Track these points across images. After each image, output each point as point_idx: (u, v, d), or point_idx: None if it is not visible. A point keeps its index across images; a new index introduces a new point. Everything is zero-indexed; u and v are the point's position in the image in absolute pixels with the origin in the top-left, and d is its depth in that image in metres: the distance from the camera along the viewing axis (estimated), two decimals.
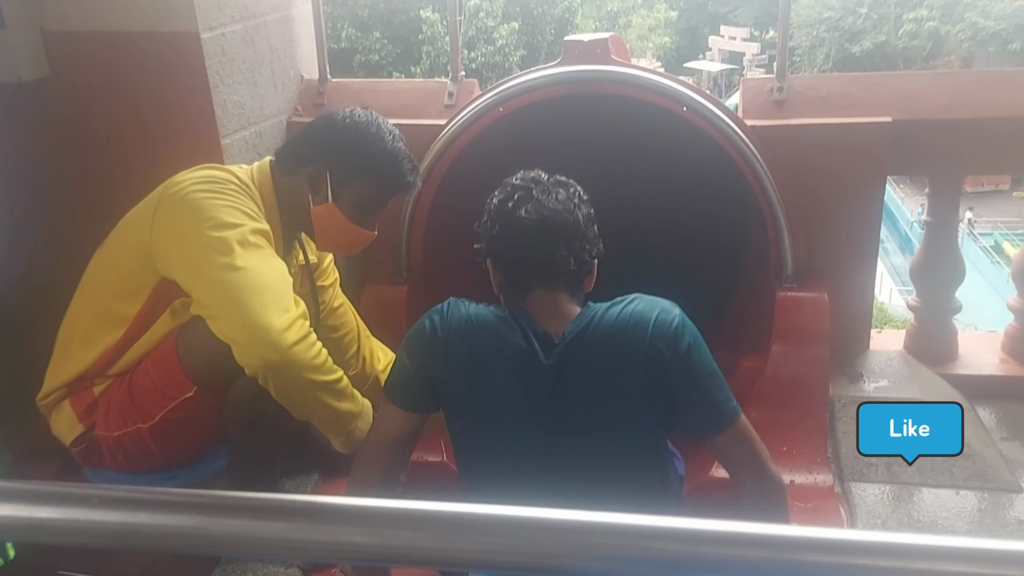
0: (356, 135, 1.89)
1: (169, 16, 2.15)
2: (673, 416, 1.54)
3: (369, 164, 1.89)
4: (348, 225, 1.92)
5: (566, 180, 1.60)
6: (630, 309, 1.54)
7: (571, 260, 1.54)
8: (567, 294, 1.57)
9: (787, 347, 2.27)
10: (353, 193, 1.90)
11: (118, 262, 1.85)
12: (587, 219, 1.57)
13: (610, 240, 2.83)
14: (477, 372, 1.56)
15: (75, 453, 1.92)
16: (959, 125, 2.32)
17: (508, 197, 1.56)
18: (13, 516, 0.78)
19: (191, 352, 1.79)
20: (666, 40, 28.10)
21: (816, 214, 2.37)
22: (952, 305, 2.57)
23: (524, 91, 2.38)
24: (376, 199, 1.93)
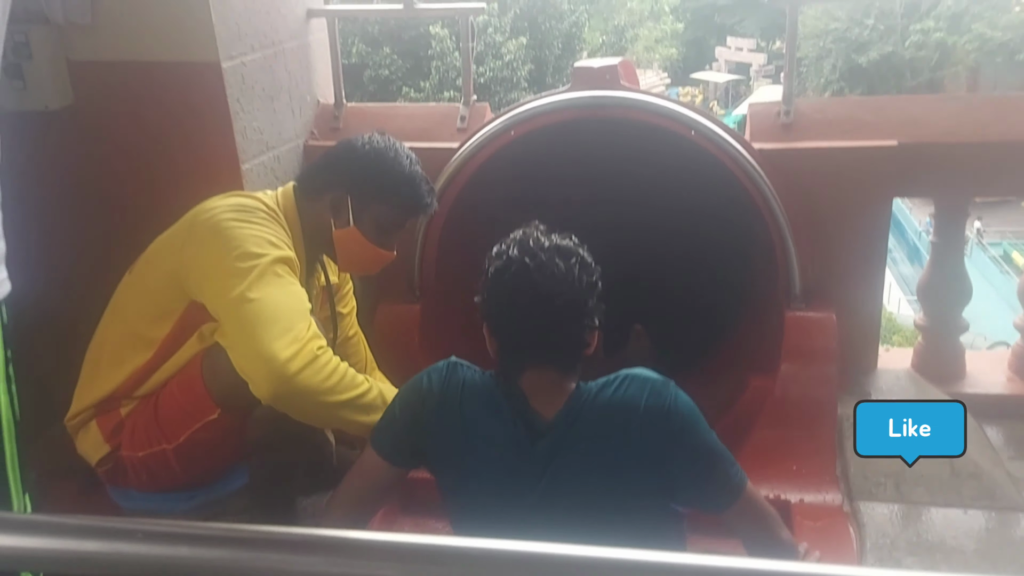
0: (375, 160, 1.97)
1: (191, 46, 2.21)
2: (676, 494, 1.52)
3: (388, 187, 1.97)
4: (369, 247, 2.00)
5: (568, 245, 1.51)
6: (620, 393, 1.50)
7: (565, 340, 1.50)
8: (560, 372, 1.52)
9: (796, 367, 2.31)
10: (373, 216, 1.98)
11: (148, 286, 1.90)
12: (587, 291, 1.50)
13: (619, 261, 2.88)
14: (464, 445, 1.54)
15: (101, 473, 1.96)
16: (965, 149, 2.35)
17: (504, 268, 1.49)
18: (61, 550, 0.82)
19: (216, 375, 1.83)
20: (673, 51, 28.18)
21: (823, 235, 2.40)
22: (959, 324, 2.60)
23: (535, 115, 2.43)
24: (395, 221, 2.02)
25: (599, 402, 1.50)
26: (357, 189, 1.97)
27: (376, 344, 2.45)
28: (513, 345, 1.53)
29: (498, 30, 16.17)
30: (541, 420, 1.51)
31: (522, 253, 1.49)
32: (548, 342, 1.50)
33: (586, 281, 1.50)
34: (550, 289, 1.46)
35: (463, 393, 1.55)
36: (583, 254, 1.52)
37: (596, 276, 1.53)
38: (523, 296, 1.47)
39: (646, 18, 25.99)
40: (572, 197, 2.79)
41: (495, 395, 1.53)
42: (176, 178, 2.28)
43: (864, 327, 2.50)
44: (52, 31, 2.24)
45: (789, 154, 2.39)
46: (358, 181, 1.97)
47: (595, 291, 1.52)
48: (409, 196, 2.00)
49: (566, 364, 1.53)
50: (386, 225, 2.00)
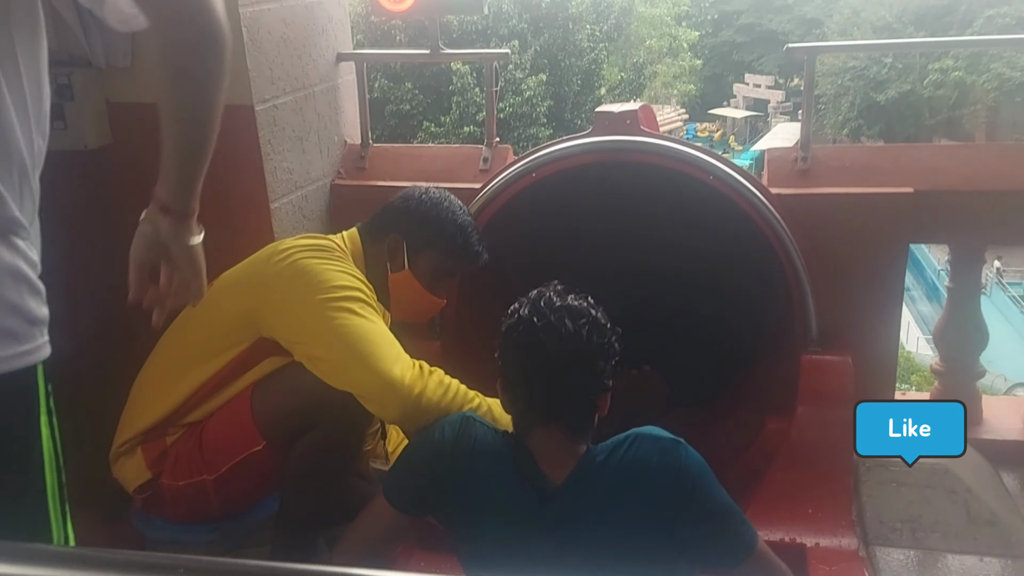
0: (431, 208, 2.08)
1: None
2: (687, 554, 1.53)
3: (442, 235, 2.07)
4: (421, 291, 2.09)
5: (579, 307, 1.51)
6: (630, 456, 1.50)
7: (572, 401, 1.51)
8: (568, 434, 1.52)
9: (812, 410, 2.33)
10: (427, 261, 2.07)
11: (215, 320, 1.93)
12: (597, 352, 1.50)
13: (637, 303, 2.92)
14: (472, 503, 1.56)
15: (138, 500, 1.99)
16: (980, 197, 2.39)
17: (514, 327, 1.53)
18: None
19: (266, 408, 1.88)
20: (691, 88, 28.40)
21: (840, 280, 2.43)
22: (976, 370, 2.61)
23: (556, 159, 2.49)
24: (447, 268, 2.11)
25: (609, 466, 1.50)
26: (413, 234, 2.06)
27: None
28: (522, 404, 1.55)
29: (518, 67, 16.39)
30: (550, 483, 1.51)
31: (532, 312, 1.51)
32: (555, 403, 1.51)
33: (596, 342, 1.50)
34: (557, 349, 1.48)
35: (474, 450, 1.57)
36: (596, 315, 1.51)
37: (609, 338, 1.52)
38: (530, 355, 1.50)
39: (665, 55, 26.24)
40: (592, 238, 2.83)
41: (505, 455, 1.55)
42: (207, 215, 2.31)
43: (880, 371, 2.52)
44: (93, 74, 2.32)
45: (806, 199, 2.43)
46: (414, 226, 2.06)
47: (607, 353, 1.52)
48: (462, 245, 2.09)
49: (574, 426, 1.53)
50: (439, 271, 2.09)
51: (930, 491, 2.22)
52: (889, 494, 2.24)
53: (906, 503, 2.21)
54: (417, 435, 1.71)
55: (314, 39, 2.55)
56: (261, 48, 2.29)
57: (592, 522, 1.49)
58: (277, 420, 1.88)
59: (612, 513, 1.49)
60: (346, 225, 2.72)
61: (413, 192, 2.12)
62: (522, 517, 1.52)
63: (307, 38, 2.51)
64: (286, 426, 1.88)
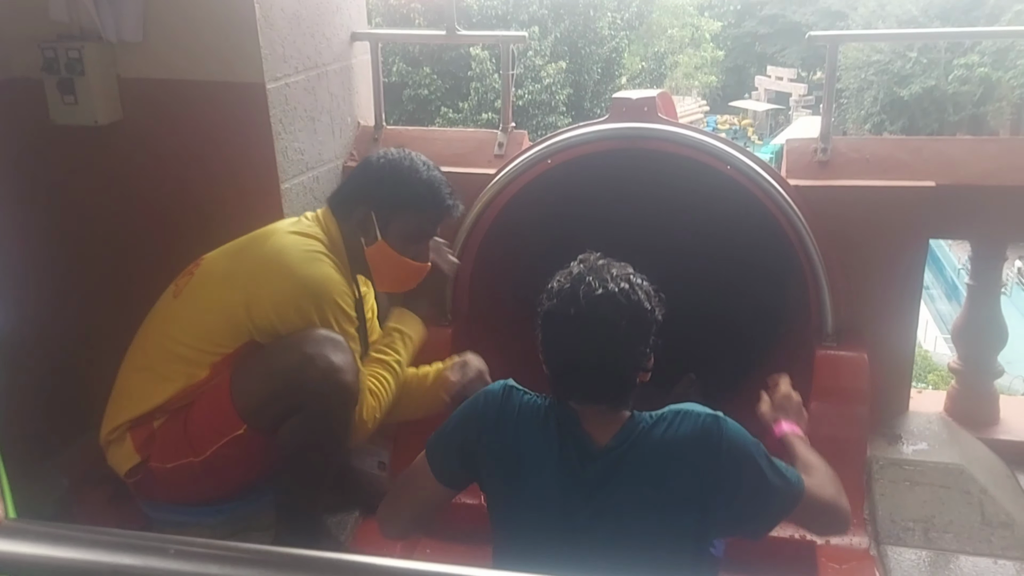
0: (391, 172, 2.03)
1: (237, 67, 2.26)
2: (726, 523, 1.55)
3: (408, 196, 2.02)
4: (400, 260, 2.04)
5: (621, 289, 1.50)
6: (672, 431, 1.51)
7: (612, 378, 1.51)
8: (609, 404, 1.54)
9: (826, 406, 2.28)
10: (399, 227, 2.02)
11: (203, 310, 1.94)
12: (637, 338, 1.50)
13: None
14: (515, 466, 1.57)
15: (130, 484, 1.99)
16: (1003, 191, 2.33)
17: (554, 311, 1.52)
18: (96, 561, 0.85)
19: (244, 393, 1.87)
20: (712, 79, 28.18)
21: (857, 274, 2.39)
22: (994, 369, 2.57)
23: (572, 145, 2.45)
24: (422, 228, 2.06)
25: (653, 437, 1.51)
26: (379, 203, 2.01)
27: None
28: (562, 377, 1.55)
29: (538, 53, 16.30)
30: (593, 444, 1.52)
31: (570, 301, 1.49)
32: (596, 383, 1.52)
33: (634, 331, 1.50)
34: (592, 341, 1.48)
35: (518, 416, 1.58)
36: (637, 298, 1.50)
37: (650, 317, 1.52)
38: (571, 338, 1.50)
39: (686, 45, 26.03)
40: (607, 226, 2.79)
41: (548, 418, 1.56)
42: (217, 194, 2.33)
43: (897, 368, 2.47)
44: (105, 48, 2.30)
45: (825, 192, 2.38)
46: (378, 195, 2.01)
47: (647, 335, 1.52)
48: (430, 201, 2.03)
49: (614, 399, 1.54)
50: (413, 234, 2.04)
51: (944, 491, 2.18)
52: (902, 493, 2.20)
53: (919, 502, 2.17)
54: (460, 406, 1.70)
55: (328, 17, 2.52)
56: (273, 25, 2.26)
57: (632, 488, 1.50)
58: (257, 405, 1.86)
59: (652, 484, 1.49)
60: None
61: (371, 159, 2.07)
62: (563, 478, 1.52)
63: (320, 16, 2.48)
64: (266, 411, 1.87)
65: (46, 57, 2.29)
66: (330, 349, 1.85)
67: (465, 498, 2.31)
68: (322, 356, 1.83)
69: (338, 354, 1.85)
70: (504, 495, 1.61)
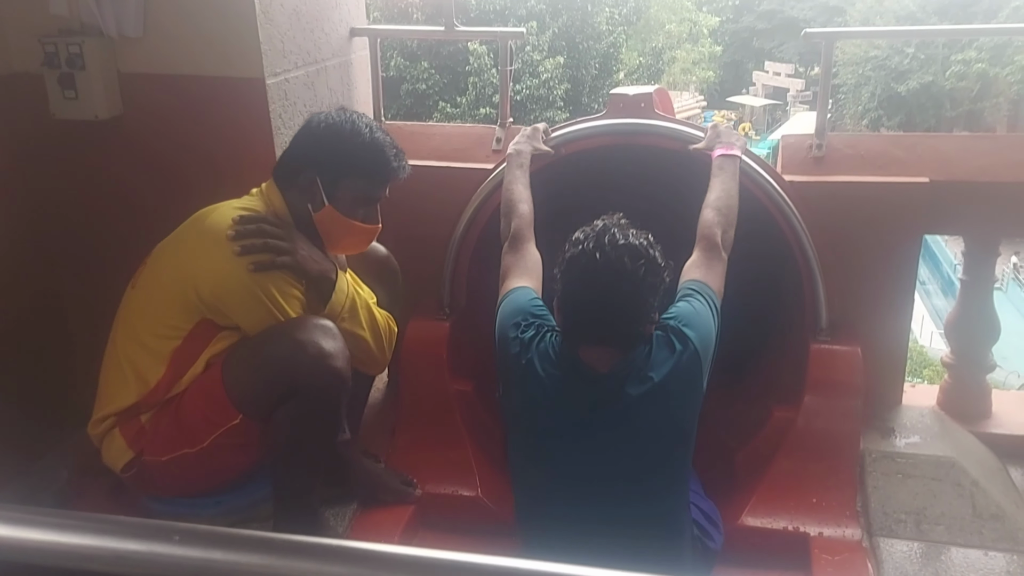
0: (334, 135, 1.99)
1: (237, 62, 2.27)
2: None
3: (351, 160, 1.98)
4: (348, 224, 2.01)
5: (639, 244, 1.72)
6: (656, 351, 1.81)
7: (621, 330, 1.75)
8: (615, 351, 1.78)
9: (820, 399, 2.31)
10: (346, 192, 1.99)
11: (157, 302, 1.94)
12: (649, 290, 1.72)
13: None
14: (529, 396, 1.85)
15: (126, 479, 2.00)
16: (996, 188, 2.35)
17: (577, 257, 1.72)
18: (99, 547, 0.86)
19: (237, 382, 1.88)
20: (710, 74, 28.17)
21: (852, 269, 2.41)
22: (986, 363, 2.59)
23: (568, 140, 2.46)
24: (368, 192, 2.02)
25: (646, 360, 1.79)
26: (323, 168, 1.97)
27: (404, 358, 2.50)
28: (580, 320, 1.77)
29: (536, 48, 16.29)
30: (597, 372, 1.79)
31: (595, 248, 1.70)
32: (606, 331, 1.75)
33: (649, 282, 1.72)
34: (614, 287, 1.69)
35: (537, 351, 1.85)
36: (654, 254, 1.73)
37: (663, 275, 1.75)
38: (587, 288, 1.70)
39: (684, 40, 26.02)
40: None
41: (560, 357, 1.82)
42: (217, 189, 2.33)
43: (890, 362, 2.50)
44: (105, 44, 2.31)
45: (820, 188, 2.40)
46: (321, 159, 1.98)
47: (659, 290, 1.74)
48: (374, 163, 2.00)
49: (623, 343, 1.78)
50: (360, 198, 2.01)
51: (936, 483, 2.21)
52: (895, 485, 2.22)
53: (911, 495, 2.20)
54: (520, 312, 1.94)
55: (327, 12, 2.54)
56: (273, 20, 2.28)
57: (631, 407, 1.78)
58: (250, 394, 1.88)
59: (645, 400, 1.78)
60: None
61: (312, 121, 2.03)
62: (570, 404, 1.81)
63: (320, 11, 2.50)
64: (260, 398, 1.88)
65: (47, 52, 2.30)
66: (320, 336, 1.86)
67: (462, 490, 2.35)
68: (313, 343, 1.84)
69: (329, 340, 1.86)
70: (518, 426, 1.92)
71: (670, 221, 2.76)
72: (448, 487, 2.36)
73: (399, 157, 2.03)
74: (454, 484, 2.37)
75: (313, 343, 1.84)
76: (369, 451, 2.43)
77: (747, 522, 2.20)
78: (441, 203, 2.56)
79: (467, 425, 2.48)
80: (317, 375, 1.84)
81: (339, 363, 1.87)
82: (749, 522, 2.20)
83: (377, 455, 2.45)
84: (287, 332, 1.87)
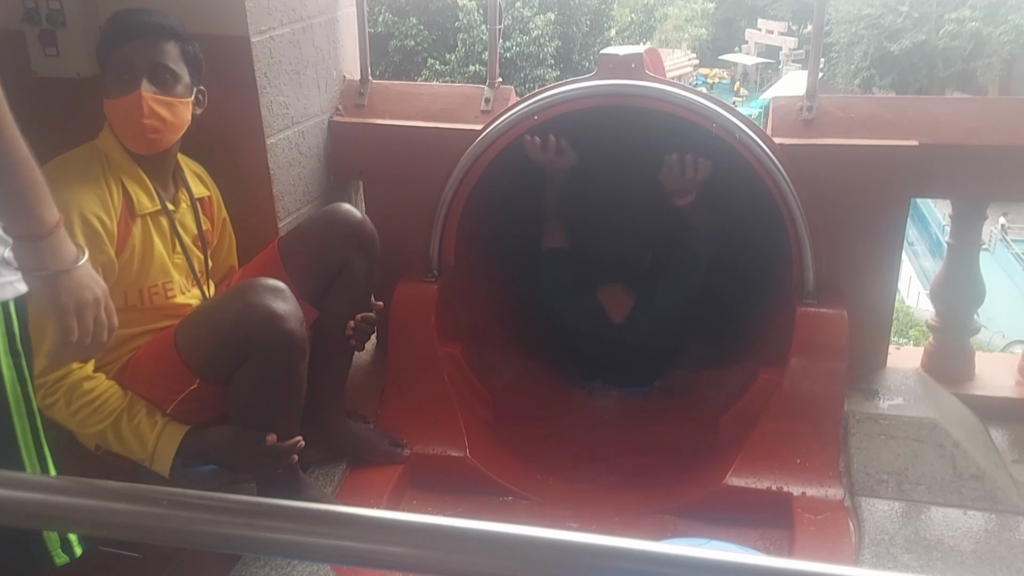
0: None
1: (221, 19, 2.23)
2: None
3: (104, 34, 1.94)
4: (112, 103, 1.92)
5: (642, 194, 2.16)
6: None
7: (632, 261, 2.23)
8: (626, 287, 2.31)
9: (805, 362, 2.33)
10: (107, 75, 1.93)
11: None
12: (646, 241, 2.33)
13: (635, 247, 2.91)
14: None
15: (100, 455, 1.95)
16: (985, 151, 2.35)
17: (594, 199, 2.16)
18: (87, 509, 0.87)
19: (189, 348, 1.87)
20: (702, 32, 27.91)
21: (839, 232, 2.41)
22: (970, 326, 2.61)
23: (559, 102, 2.44)
24: (116, 59, 1.91)
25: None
26: (100, 63, 1.94)
27: (393, 321, 2.50)
28: (596, 259, 2.46)
29: (526, 4, 16.07)
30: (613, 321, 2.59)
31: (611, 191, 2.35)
32: (622, 259, 2.49)
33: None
34: (630, 219, 2.39)
35: (559, 289, 2.61)
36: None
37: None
38: (609, 220, 2.36)
39: None
40: (593, 182, 2.81)
41: (580, 295, 2.59)
42: (201, 149, 2.31)
43: (876, 325, 2.51)
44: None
45: (809, 150, 2.39)
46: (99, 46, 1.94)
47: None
48: (117, 24, 1.92)
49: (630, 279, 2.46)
50: (113, 70, 1.91)
51: (918, 444, 2.24)
52: (877, 447, 2.25)
53: (894, 456, 2.23)
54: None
55: None
56: None
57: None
58: (204, 358, 1.86)
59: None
60: (345, 165, 2.71)
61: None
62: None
63: None
64: (215, 363, 1.86)
65: (27, 7, 2.24)
66: (271, 298, 1.83)
67: (451, 451, 2.37)
68: (263, 305, 1.81)
69: (279, 302, 1.83)
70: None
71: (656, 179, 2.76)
72: (437, 448, 2.38)
73: (144, 16, 1.93)
74: (442, 445, 2.39)
75: (263, 306, 1.81)
76: (358, 412, 2.45)
77: (731, 482, 2.23)
78: (428, 164, 2.54)
79: (455, 387, 2.49)
80: (268, 337, 1.81)
81: (291, 325, 1.83)
82: (733, 482, 2.23)
83: (366, 416, 2.46)
84: (237, 295, 1.87)
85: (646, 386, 2.86)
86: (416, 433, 2.40)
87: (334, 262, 2.17)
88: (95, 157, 1.93)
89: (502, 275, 2.99)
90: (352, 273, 2.20)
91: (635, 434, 2.65)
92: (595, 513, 2.29)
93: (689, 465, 2.44)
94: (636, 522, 2.26)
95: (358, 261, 2.19)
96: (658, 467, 2.48)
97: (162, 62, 1.93)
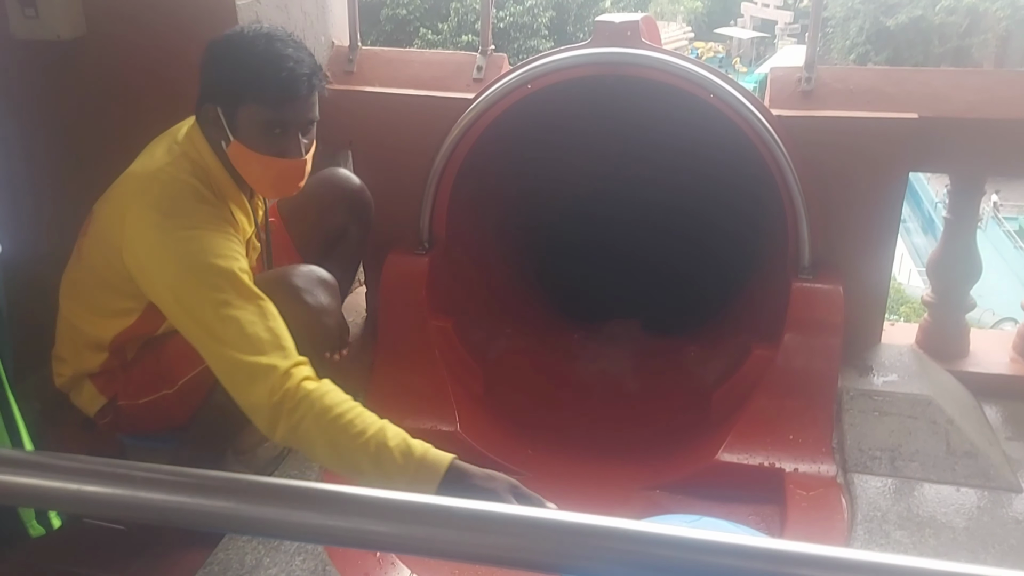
0: (225, 55, 1.69)
1: None
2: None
3: (244, 79, 1.66)
4: (261, 159, 1.71)
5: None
6: None
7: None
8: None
9: (800, 337, 2.30)
10: (246, 120, 1.69)
11: (100, 277, 1.81)
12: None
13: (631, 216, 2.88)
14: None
15: (101, 424, 1.96)
16: (985, 125, 2.31)
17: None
18: (62, 488, 0.84)
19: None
20: (698, 5, 27.70)
21: (836, 206, 2.38)
22: (966, 303, 2.59)
23: (553, 70, 2.39)
24: (269, 116, 1.68)
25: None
26: (219, 96, 1.70)
27: (383, 294, 2.46)
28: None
29: None
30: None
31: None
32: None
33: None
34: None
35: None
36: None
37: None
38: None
39: None
40: (587, 152, 2.76)
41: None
42: (183, 115, 2.25)
43: (871, 301, 2.49)
44: None
45: (807, 122, 2.35)
46: (216, 86, 1.70)
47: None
48: (265, 79, 1.64)
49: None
50: (264, 125, 1.69)
51: (912, 421, 2.22)
52: (871, 423, 2.24)
53: (887, 432, 2.21)
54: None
55: None
56: None
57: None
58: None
59: None
60: (334, 134, 2.65)
61: (210, 43, 1.72)
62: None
63: None
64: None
65: None
66: (320, 290, 1.82)
67: (441, 425, 2.34)
68: (312, 294, 1.80)
69: (326, 296, 1.82)
70: None
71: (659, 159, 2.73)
72: (427, 423, 2.35)
73: (297, 68, 1.66)
74: (433, 420, 2.36)
75: (312, 294, 1.79)
76: (346, 387, 2.41)
77: (723, 458, 2.21)
78: (419, 133, 2.49)
79: (446, 361, 2.46)
80: (310, 330, 1.76)
81: (331, 321, 1.83)
82: (725, 458, 2.21)
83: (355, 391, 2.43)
84: (284, 279, 1.83)
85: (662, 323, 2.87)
86: (406, 408, 2.36)
87: (334, 227, 2.14)
88: (197, 176, 1.72)
89: (496, 248, 2.95)
90: (349, 240, 2.16)
91: (627, 410, 2.63)
92: (585, 489, 2.27)
93: (681, 441, 2.42)
94: (627, 497, 2.24)
95: (354, 228, 2.16)
96: (650, 443, 2.46)
97: (314, 118, 1.76)
